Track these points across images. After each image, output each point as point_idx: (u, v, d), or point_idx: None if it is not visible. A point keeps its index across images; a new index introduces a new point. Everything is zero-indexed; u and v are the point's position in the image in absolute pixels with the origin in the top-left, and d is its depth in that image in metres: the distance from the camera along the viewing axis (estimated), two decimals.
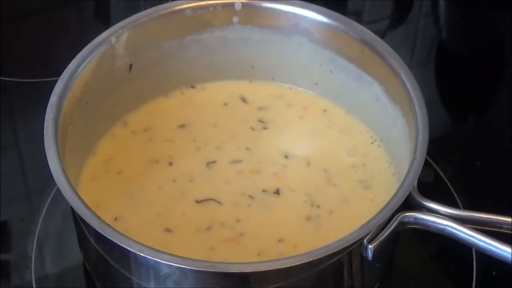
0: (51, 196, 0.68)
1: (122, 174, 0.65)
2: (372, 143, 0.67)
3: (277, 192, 0.63)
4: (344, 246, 0.52)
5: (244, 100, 0.70)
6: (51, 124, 0.58)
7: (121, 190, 0.64)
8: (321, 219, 0.62)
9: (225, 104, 0.70)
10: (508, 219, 0.55)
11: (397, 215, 0.55)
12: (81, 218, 0.53)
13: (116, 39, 0.65)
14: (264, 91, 0.71)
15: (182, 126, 0.68)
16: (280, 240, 0.60)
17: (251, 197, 0.63)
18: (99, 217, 0.53)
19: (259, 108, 0.70)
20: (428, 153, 0.57)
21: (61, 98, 0.60)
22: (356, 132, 0.68)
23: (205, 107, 0.70)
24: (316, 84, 0.70)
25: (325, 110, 0.69)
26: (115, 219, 0.61)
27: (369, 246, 0.53)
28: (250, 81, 0.71)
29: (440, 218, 0.55)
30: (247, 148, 0.66)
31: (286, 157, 0.66)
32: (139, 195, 0.63)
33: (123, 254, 0.53)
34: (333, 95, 0.69)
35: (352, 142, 0.67)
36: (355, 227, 0.53)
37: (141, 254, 0.51)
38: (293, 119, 0.69)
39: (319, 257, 0.51)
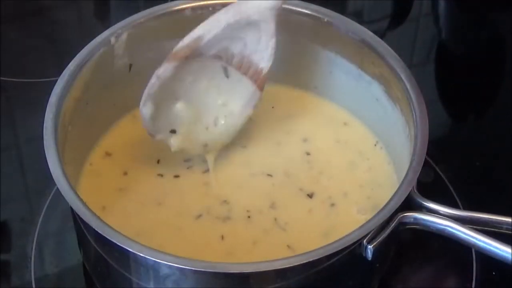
0: (51, 196, 0.68)
1: (123, 174, 0.65)
2: (371, 143, 0.67)
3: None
4: (344, 246, 0.52)
5: None
6: (51, 124, 0.58)
7: (121, 189, 0.64)
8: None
9: None
10: (508, 219, 0.55)
11: (397, 215, 0.55)
12: (81, 218, 0.53)
13: (115, 39, 0.65)
14: (263, 91, 0.71)
15: None
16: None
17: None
18: (98, 217, 0.53)
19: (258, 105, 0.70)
20: (428, 153, 0.57)
21: (61, 98, 0.60)
22: (356, 132, 0.68)
23: None
24: (316, 84, 0.70)
25: (324, 111, 0.69)
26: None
27: (369, 246, 0.53)
28: None
29: (440, 218, 0.55)
30: (244, 147, 0.67)
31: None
32: (139, 194, 0.63)
33: (123, 254, 0.53)
34: (332, 95, 0.69)
35: (351, 142, 0.67)
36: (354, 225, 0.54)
37: (141, 254, 0.51)
38: (292, 119, 0.69)
39: (319, 257, 0.51)
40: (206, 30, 0.61)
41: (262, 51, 0.63)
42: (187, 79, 0.62)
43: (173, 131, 0.63)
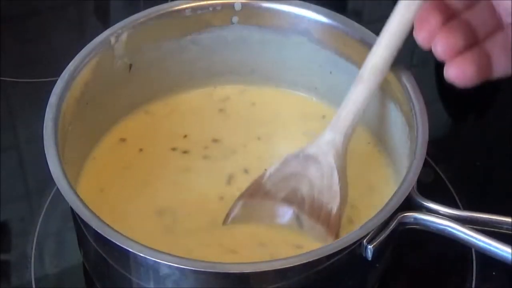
0: (51, 196, 0.68)
1: (122, 174, 0.65)
2: (372, 143, 0.67)
3: None
4: (344, 246, 0.52)
5: (243, 99, 0.70)
6: (51, 124, 0.58)
7: (121, 189, 0.64)
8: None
9: (224, 104, 0.70)
10: (508, 219, 0.55)
11: (397, 215, 0.55)
12: (81, 218, 0.53)
13: (115, 39, 0.65)
14: (264, 91, 0.71)
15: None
16: None
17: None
18: (98, 217, 0.53)
19: (259, 107, 0.70)
20: (428, 153, 0.57)
21: (61, 98, 0.60)
22: (356, 132, 0.68)
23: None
24: (316, 84, 0.70)
25: (324, 111, 0.69)
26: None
27: (369, 246, 0.53)
28: (250, 81, 0.71)
29: (440, 218, 0.55)
30: (244, 146, 0.67)
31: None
32: (139, 194, 0.63)
33: (123, 254, 0.53)
34: (332, 96, 0.69)
35: (351, 142, 0.67)
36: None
37: (141, 254, 0.51)
38: (292, 119, 0.69)
39: (319, 257, 0.51)
40: (269, 168, 0.62)
41: (328, 189, 0.61)
42: (263, 219, 0.62)
43: None
